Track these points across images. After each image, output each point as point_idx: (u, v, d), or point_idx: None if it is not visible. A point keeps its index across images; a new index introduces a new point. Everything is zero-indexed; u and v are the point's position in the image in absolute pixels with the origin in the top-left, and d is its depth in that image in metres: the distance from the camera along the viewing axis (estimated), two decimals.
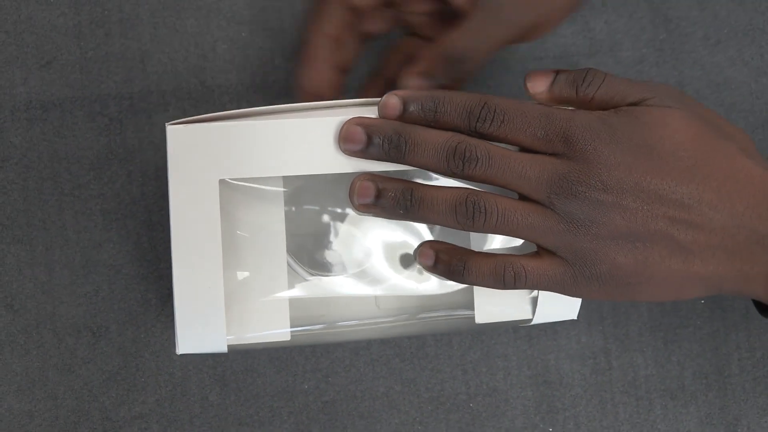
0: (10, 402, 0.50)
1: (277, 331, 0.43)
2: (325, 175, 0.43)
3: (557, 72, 0.42)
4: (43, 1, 0.51)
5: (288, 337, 0.43)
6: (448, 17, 0.45)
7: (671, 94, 0.41)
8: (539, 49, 0.53)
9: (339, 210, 0.45)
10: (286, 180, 0.44)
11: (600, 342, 0.52)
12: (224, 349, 0.42)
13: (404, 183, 0.41)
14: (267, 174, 0.41)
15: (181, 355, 0.49)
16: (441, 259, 0.41)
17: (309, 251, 0.45)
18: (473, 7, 0.43)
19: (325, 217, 0.45)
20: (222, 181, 0.41)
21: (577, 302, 0.44)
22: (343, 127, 0.40)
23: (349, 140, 0.40)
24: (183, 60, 0.52)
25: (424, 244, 0.42)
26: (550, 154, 0.40)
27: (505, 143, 0.40)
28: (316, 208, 0.45)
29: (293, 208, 0.45)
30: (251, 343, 0.43)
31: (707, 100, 0.54)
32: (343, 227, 0.45)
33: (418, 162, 0.40)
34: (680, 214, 0.39)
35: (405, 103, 0.40)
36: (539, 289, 0.41)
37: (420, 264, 0.42)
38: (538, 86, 0.41)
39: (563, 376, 0.53)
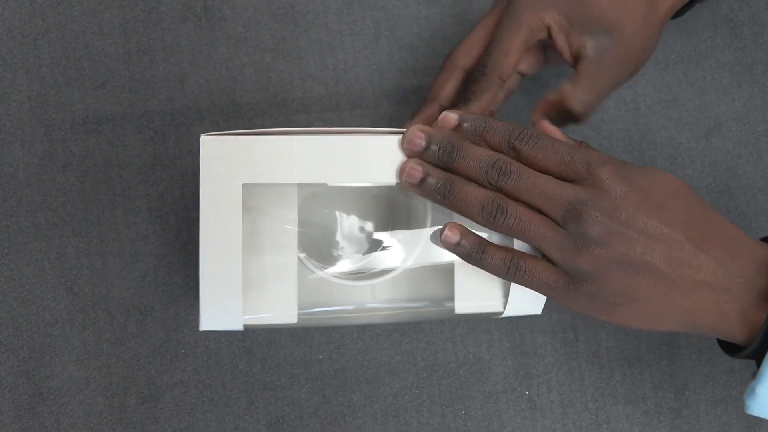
0: (70, 370, 0.54)
1: (286, 313, 0.45)
2: (333, 186, 0.46)
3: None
4: (97, 32, 0.55)
5: (295, 320, 0.45)
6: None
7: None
8: None
9: (344, 214, 0.48)
10: (301, 187, 0.46)
11: (568, 319, 0.56)
12: (240, 327, 0.44)
13: (447, 174, 0.43)
14: (282, 181, 0.43)
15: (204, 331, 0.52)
16: (463, 242, 0.43)
17: (317, 248, 0.47)
18: (585, 69, 0.47)
19: (331, 221, 0.48)
20: (246, 185, 0.43)
21: (542, 300, 0.46)
22: (408, 131, 0.44)
23: (411, 142, 0.43)
24: (216, 81, 0.56)
25: (452, 225, 0.44)
26: (571, 181, 0.42)
27: (536, 167, 0.43)
28: (324, 212, 0.48)
29: (305, 212, 0.47)
30: (264, 324, 0.45)
31: (658, 115, 0.58)
32: (346, 229, 0.48)
33: (463, 169, 0.43)
34: (672, 250, 0.41)
35: (460, 119, 0.44)
36: (532, 288, 0.43)
37: (445, 241, 0.44)
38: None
39: (537, 348, 0.56)
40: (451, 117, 0.44)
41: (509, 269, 0.43)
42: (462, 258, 0.44)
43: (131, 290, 0.55)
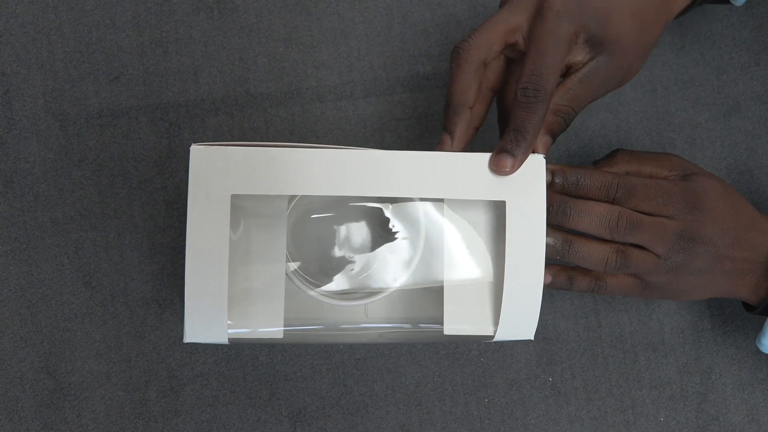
0: (90, 365, 0.55)
1: (271, 329, 0.45)
2: (326, 199, 0.46)
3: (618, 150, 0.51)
4: (110, 25, 0.56)
5: (281, 336, 0.45)
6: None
7: (689, 164, 0.50)
8: None
9: (335, 230, 0.48)
10: (294, 202, 0.46)
11: (590, 304, 0.57)
12: (225, 341, 0.44)
13: (564, 234, 0.47)
14: (272, 192, 0.43)
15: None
16: (555, 280, 0.49)
17: (310, 264, 0.47)
18: (573, 83, 0.47)
19: (323, 236, 0.47)
20: (235, 197, 0.43)
21: (534, 325, 0.46)
22: None
23: None
24: (230, 72, 0.56)
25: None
26: (662, 215, 0.47)
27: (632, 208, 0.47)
28: (316, 227, 0.48)
29: (295, 227, 0.47)
30: (249, 338, 0.45)
31: (676, 96, 0.58)
32: (338, 246, 0.47)
33: (582, 226, 0.47)
34: (728, 253, 0.48)
35: (553, 175, 0.47)
36: (613, 295, 0.50)
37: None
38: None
39: (560, 334, 0.56)
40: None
41: (594, 289, 0.49)
42: (556, 289, 0.50)
43: (150, 283, 0.55)
